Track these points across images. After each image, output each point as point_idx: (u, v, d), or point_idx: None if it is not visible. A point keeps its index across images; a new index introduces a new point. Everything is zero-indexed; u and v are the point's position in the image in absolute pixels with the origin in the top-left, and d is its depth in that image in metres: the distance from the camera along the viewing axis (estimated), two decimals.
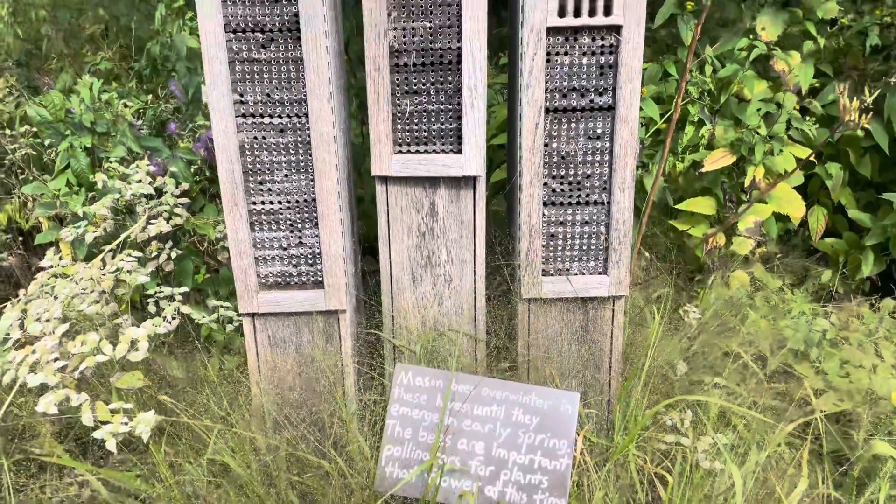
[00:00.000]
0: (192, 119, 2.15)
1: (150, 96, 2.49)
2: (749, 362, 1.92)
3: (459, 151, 1.66)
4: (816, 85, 2.49)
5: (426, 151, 1.67)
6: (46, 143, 1.95)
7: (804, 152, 2.27)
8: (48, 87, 2.24)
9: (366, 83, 1.61)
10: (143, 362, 1.43)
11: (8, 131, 2.06)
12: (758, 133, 2.22)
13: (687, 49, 2.49)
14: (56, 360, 1.30)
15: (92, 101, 2.14)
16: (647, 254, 2.19)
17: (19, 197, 2.13)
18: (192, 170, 2.00)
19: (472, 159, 1.65)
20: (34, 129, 2.00)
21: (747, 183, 2.17)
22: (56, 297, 1.43)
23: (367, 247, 2.46)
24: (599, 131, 1.64)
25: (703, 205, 2.26)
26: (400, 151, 1.67)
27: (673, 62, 2.51)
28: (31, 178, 2.06)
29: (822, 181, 2.51)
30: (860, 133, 1.79)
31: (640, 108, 2.22)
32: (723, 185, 2.27)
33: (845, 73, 2.57)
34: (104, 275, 1.54)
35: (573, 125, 1.64)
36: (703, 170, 2.21)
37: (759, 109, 2.29)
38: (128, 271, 1.57)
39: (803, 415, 1.86)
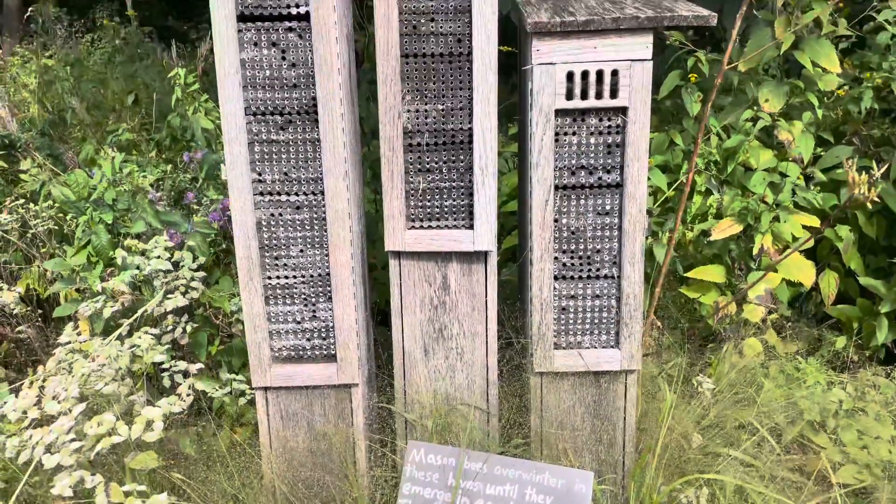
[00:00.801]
0: (205, 192, 2.21)
1: (169, 166, 2.57)
2: (766, 435, 1.90)
3: (471, 227, 1.69)
4: (821, 153, 2.53)
5: (438, 227, 1.70)
6: (68, 216, 2.01)
7: (810, 219, 2.29)
8: (72, 161, 2.32)
9: (379, 154, 1.66)
10: (157, 440, 1.44)
11: (32, 206, 2.12)
12: (764, 202, 2.25)
13: (692, 119, 2.55)
14: (72, 441, 1.31)
15: (113, 173, 2.20)
16: (658, 323, 2.20)
17: (39, 266, 2.18)
18: (207, 241, 2.04)
19: (484, 235, 1.68)
20: (57, 204, 2.07)
21: (755, 252, 2.19)
22: (73, 375, 1.45)
23: (377, 312, 2.48)
24: (608, 207, 1.67)
25: (713, 273, 2.27)
26: (413, 227, 1.71)
27: (678, 131, 2.56)
28: (51, 250, 2.11)
29: (831, 244, 2.52)
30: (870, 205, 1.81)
31: (648, 178, 2.27)
32: (731, 254, 2.29)
33: (847, 137, 2.62)
34: (121, 352, 1.56)
35: (582, 202, 1.67)
36: (711, 238, 2.23)
37: (764, 179, 2.32)
38: (144, 349, 1.60)
39: (823, 488, 1.82)
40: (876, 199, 1.77)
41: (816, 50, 2.34)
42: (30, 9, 5.21)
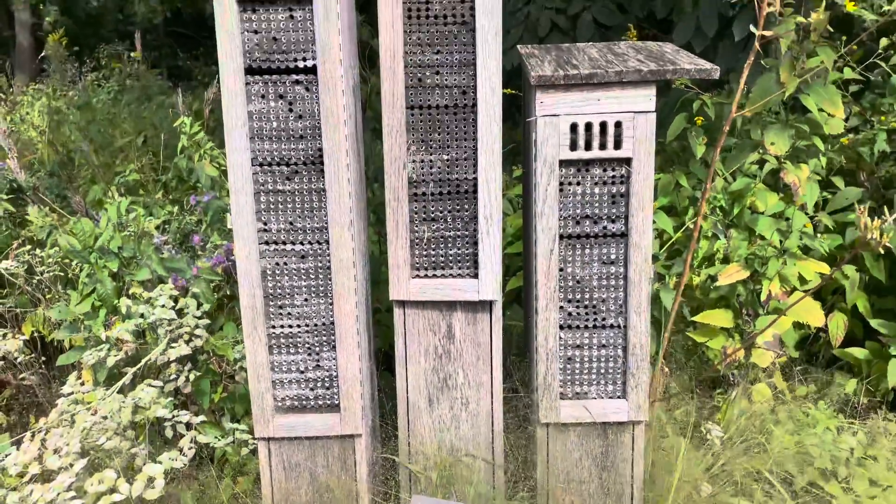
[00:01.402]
0: (209, 237, 2.22)
1: (175, 208, 2.58)
2: (777, 486, 1.86)
3: (476, 276, 1.69)
4: (827, 196, 2.53)
5: (443, 276, 1.70)
6: (74, 262, 2.02)
7: (819, 266, 2.27)
8: (79, 205, 2.35)
9: (381, 199, 1.66)
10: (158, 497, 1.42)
11: (38, 251, 2.14)
12: (772, 247, 2.24)
13: (698, 161, 2.55)
14: (72, 498, 1.30)
15: (119, 217, 2.21)
16: (666, 368, 2.17)
17: (44, 311, 2.18)
18: (212, 287, 2.04)
19: (489, 284, 1.67)
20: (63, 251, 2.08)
21: (763, 298, 2.17)
22: (75, 429, 1.43)
23: (381, 357, 2.46)
24: (613, 257, 1.67)
25: (720, 317, 2.25)
26: (417, 276, 1.70)
27: (684, 173, 2.56)
28: (57, 295, 2.12)
29: (837, 284, 2.50)
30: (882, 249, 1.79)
31: (653, 222, 2.26)
32: (738, 298, 2.27)
33: (861, 180, 2.61)
34: (123, 404, 1.55)
35: (587, 251, 1.67)
36: (718, 284, 2.21)
37: (771, 225, 2.32)
38: (147, 403, 1.59)
39: None
40: (887, 244, 1.76)
41: (822, 95, 2.35)
42: (44, 50, 5.31)
